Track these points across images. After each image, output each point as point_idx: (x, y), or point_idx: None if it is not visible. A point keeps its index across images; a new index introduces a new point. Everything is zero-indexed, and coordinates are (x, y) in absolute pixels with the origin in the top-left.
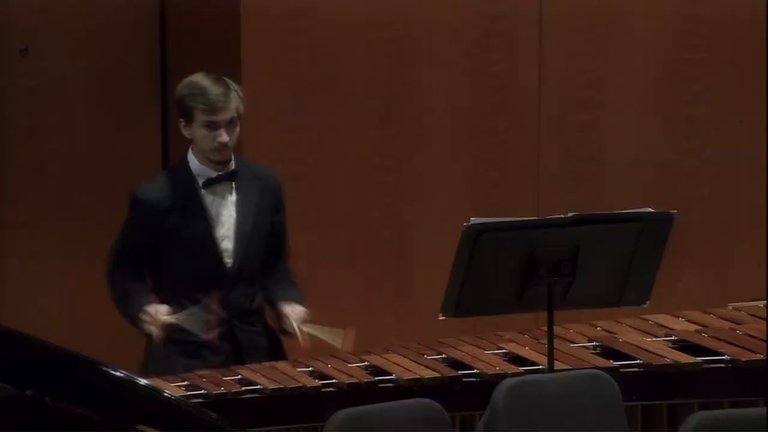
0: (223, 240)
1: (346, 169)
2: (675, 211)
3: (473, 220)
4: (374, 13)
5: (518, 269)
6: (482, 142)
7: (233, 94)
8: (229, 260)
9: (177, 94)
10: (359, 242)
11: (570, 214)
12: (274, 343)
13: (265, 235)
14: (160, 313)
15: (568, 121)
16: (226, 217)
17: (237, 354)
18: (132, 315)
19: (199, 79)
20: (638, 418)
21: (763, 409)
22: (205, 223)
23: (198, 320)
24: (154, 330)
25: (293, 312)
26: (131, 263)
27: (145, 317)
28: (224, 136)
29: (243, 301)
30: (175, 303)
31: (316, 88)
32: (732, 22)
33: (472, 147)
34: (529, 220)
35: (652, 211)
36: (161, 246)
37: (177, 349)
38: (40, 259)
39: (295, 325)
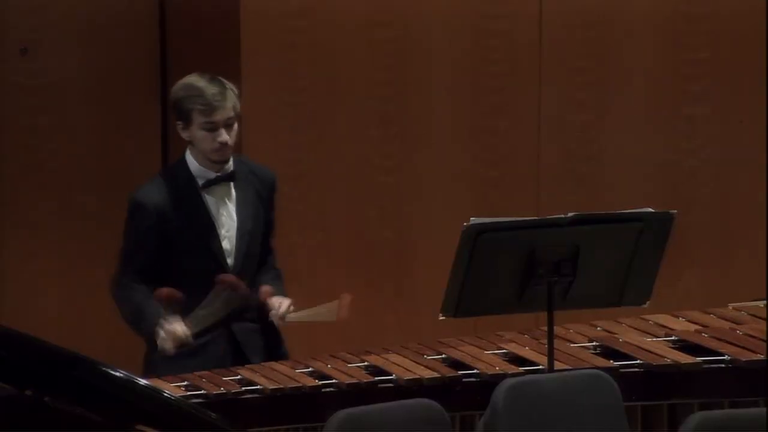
0: (223, 240)
1: (346, 169)
2: (675, 211)
3: (473, 220)
4: (374, 13)
5: (518, 269)
6: (482, 142)
7: (230, 93)
8: (230, 260)
9: (173, 97)
10: (359, 242)
11: (570, 214)
12: (274, 339)
13: (262, 234)
14: (178, 331)
15: (568, 121)
16: (226, 217)
17: (237, 352)
18: (148, 332)
19: (195, 80)
20: (638, 419)
21: (763, 409)
22: (207, 224)
23: (215, 310)
24: (172, 349)
25: (279, 304)
26: (142, 273)
27: (163, 335)
28: (224, 136)
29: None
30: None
31: (316, 88)
32: (732, 22)
33: (472, 147)
34: (529, 220)
35: (652, 211)
36: (166, 249)
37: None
38: (40, 259)
39: (279, 319)
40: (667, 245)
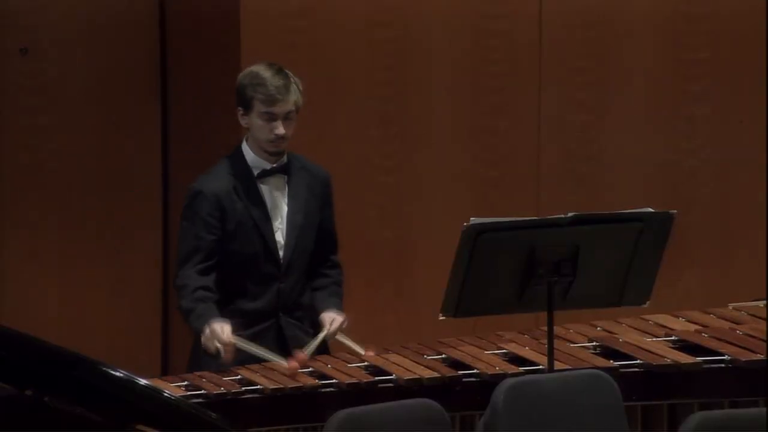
0: (277, 232)
1: (346, 169)
2: (675, 211)
3: (473, 220)
4: (374, 13)
5: (518, 269)
6: (482, 142)
7: (293, 87)
8: (281, 252)
9: (237, 83)
10: (359, 242)
11: (570, 214)
12: (323, 349)
13: (315, 229)
14: (226, 332)
15: (568, 121)
16: (279, 209)
17: (282, 347)
18: (198, 328)
19: (261, 69)
20: (638, 419)
21: (763, 409)
22: (264, 215)
23: (265, 357)
24: (219, 346)
25: (332, 321)
26: (202, 263)
27: (207, 332)
28: (281, 128)
29: (292, 294)
30: (227, 295)
31: (316, 88)
32: (732, 22)
33: (472, 147)
34: (529, 220)
35: (652, 211)
36: (223, 236)
37: None
38: (40, 259)
39: (329, 335)
40: (667, 245)
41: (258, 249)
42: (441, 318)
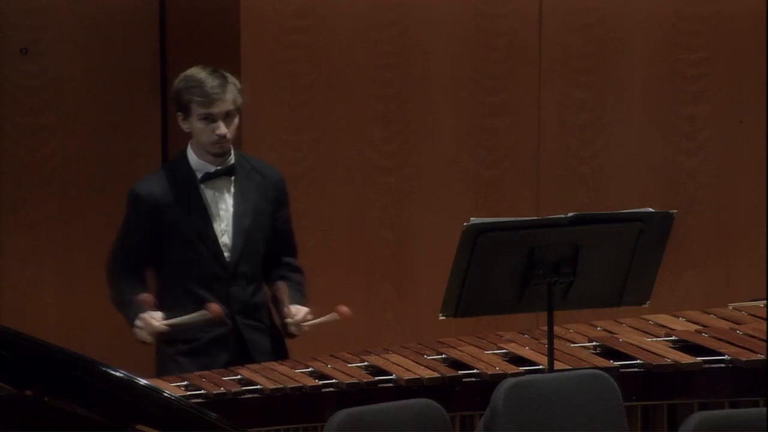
0: (222, 235)
1: (346, 169)
2: (675, 210)
3: (473, 220)
4: (374, 13)
5: (518, 269)
6: (482, 142)
7: (230, 87)
8: (227, 255)
9: (174, 88)
10: (359, 242)
11: (570, 214)
12: (278, 342)
13: (266, 231)
14: (154, 320)
15: (568, 121)
16: (225, 211)
17: (244, 352)
18: (130, 319)
19: (195, 72)
20: (638, 419)
21: (764, 410)
22: (204, 218)
23: (196, 319)
24: (147, 337)
25: (295, 315)
26: (132, 263)
27: (139, 323)
28: (222, 129)
29: (243, 297)
30: (175, 299)
31: (316, 88)
32: (732, 22)
33: (472, 147)
34: (529, 220)
35: (652, 211)
36: (162, 241)
37: (184, 348)
38: (40, 259)
39: (296, 327)
40: (667, 245)
41: (201, 252)
42: (441, 318)
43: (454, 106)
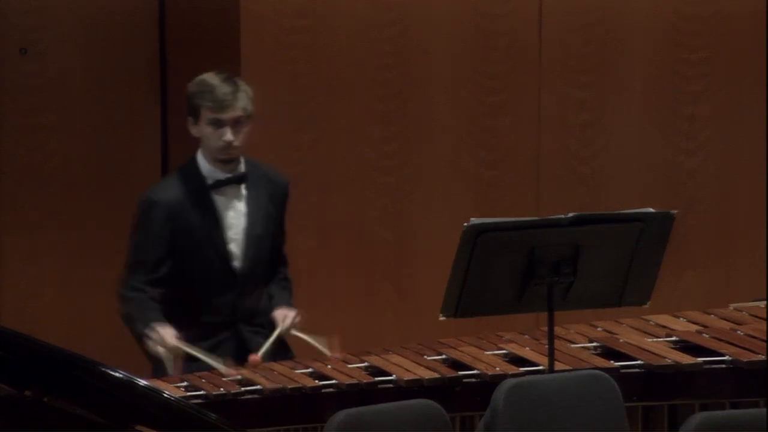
0: (231, 242)
1: (346, 169)
2: (675, 211)
3: (473, 220)
4: (374, 13)
5: (518, 269)
6: (482, 142)
7: (241, 94)
8: (237, 263)
9: (187, 93)
10: (359, 242)
11: (570, 214)
12: (281, 346)
13: (272, 238)
14: (168, 335)
15: (568, 121)
16: (235, 219)
17: (244, 356)
18: (139, 332)
19: (209, 77)
20: (639, 419)
21: (764, 410)
22: (215, 225)
23: (209, 356)
24: (162, 351)
25: (284, 318)
26: (151, 274)
27: (153, 335)
28: (229, 135)
29: (251, 304)
30: (182, 305)
31: (316, 88)
32: (732, 22)
33: (472, 147)
34: (529, 220)
35: (653, 211)
36: (172, 247)
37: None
38: (40, 259)
39: (283, 331)
40: (667, 245)
41: (212, 260)
42: (441, 318)
43: (454, 106)
